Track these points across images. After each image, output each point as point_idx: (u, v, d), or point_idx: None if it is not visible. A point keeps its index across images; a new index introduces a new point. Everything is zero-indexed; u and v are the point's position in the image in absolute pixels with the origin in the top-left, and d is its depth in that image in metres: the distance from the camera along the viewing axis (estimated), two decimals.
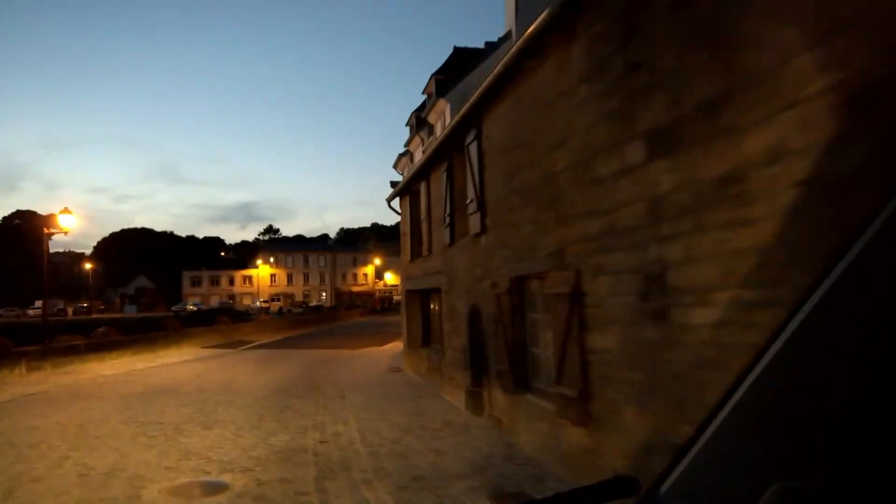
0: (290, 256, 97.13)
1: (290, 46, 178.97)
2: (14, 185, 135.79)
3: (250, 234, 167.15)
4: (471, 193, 9.32)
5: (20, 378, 15.34)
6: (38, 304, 71.95)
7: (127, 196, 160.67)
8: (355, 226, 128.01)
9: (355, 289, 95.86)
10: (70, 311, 72.38)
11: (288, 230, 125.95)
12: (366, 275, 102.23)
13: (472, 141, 9.15)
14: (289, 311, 69.96)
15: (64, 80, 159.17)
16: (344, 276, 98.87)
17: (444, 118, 17.07)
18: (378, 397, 12.18)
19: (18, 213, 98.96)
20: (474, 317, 9.63)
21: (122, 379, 15.59)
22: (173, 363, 19.40)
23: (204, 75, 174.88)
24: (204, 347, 25.47)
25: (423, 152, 19.87)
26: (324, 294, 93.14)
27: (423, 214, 13.45)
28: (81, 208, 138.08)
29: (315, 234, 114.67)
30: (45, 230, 17.89)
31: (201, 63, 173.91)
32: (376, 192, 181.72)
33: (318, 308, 73.47)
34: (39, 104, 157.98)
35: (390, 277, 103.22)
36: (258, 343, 29.17)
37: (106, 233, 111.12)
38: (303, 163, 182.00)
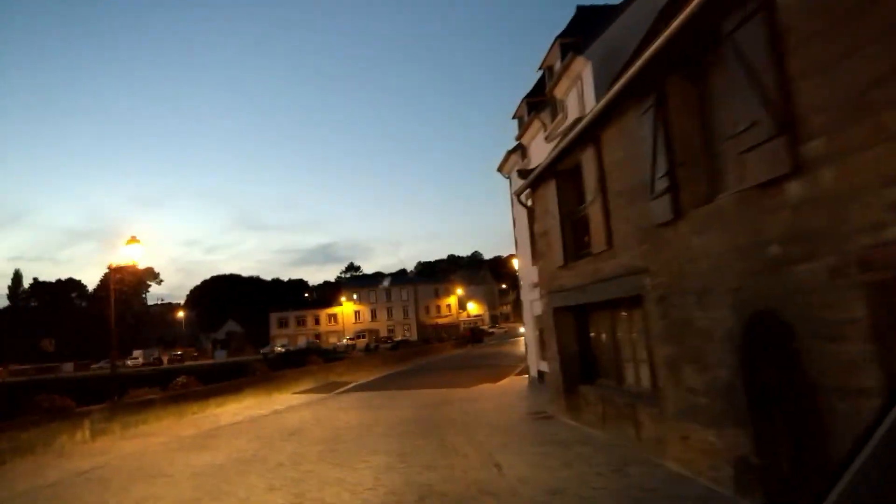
0: (372, 292, 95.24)
1: (351, 88, 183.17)
2: (114, 245, 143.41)
3: (331, 274, 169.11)
4: (745, 114, 5.25)
5: (81, 445, 12.40)
6: (136, 353, 74.07)
7: (215, 246, 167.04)
8: (431, 258, 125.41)
9: (439, 321, 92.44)
10: (165, 359, 73.29)
11: (367, 268, 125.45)
12: (448, 306, 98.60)
13: (746, 20, 5.13)
14: (376, 346, 67.18)
15: (151, 143, 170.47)
16: (427, 309, 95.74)
17: (579, 84, 13.14)
18: (554, 466, 8.12)
19: (116, 269, 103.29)
20: (760, 334, 5.43)
21: (200, 442, 12.34)
22: (263, 415, 16.14)
23: (276, 125, 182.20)
24: (296, 393, 22.29)
25: (548, 137, 15.96)
26: (407, 328, 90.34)
27: (589, 195, 9.42)
28: (176, 262, 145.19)
29: (392, 270, 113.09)
30: (109, 267, 15.45)
31: (273, 114, 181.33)
32: (448, 223, 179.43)
33: (406, 342, 70.32)
34: (132, 167, 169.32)
35: (473, 307, 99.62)
36: (355, 384, 25.81)
37: (199, 283, 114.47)
38: (373, 201, 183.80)
